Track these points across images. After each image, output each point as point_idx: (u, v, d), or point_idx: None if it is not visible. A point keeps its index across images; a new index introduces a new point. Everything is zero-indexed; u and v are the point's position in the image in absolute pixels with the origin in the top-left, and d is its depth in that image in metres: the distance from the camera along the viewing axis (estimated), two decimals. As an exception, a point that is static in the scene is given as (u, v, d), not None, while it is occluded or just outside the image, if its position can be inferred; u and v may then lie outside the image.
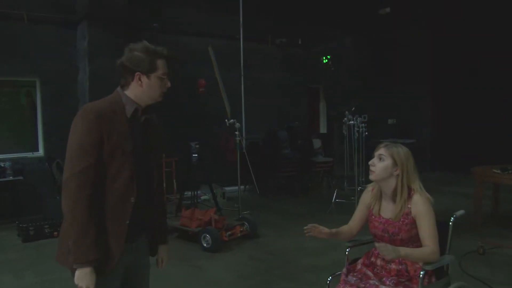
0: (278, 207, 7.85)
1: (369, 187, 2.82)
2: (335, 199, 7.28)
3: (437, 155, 10.94)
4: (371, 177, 2.64)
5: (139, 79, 2.11)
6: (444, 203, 7.23)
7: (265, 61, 10.08)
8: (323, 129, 12.17)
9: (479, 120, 9.72)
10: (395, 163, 2.58)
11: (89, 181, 1.96)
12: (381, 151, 2.63)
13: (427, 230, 2.53)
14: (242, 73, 8.51)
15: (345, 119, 7.48)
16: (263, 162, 8.56)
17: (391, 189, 2.62)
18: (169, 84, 2.19)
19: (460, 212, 2.83)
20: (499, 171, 5.74)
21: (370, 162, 2.66)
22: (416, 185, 2.61)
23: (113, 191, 2.04)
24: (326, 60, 10.09)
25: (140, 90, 2.13)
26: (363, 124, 7.55)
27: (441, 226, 2.67)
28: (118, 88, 2.17)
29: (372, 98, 10.88)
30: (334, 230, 2.74)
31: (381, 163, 2.61)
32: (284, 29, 10.15)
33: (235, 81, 8.63)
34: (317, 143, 9.55)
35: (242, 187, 8.60)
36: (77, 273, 1.97)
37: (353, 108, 7.45)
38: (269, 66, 10.17)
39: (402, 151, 2.61)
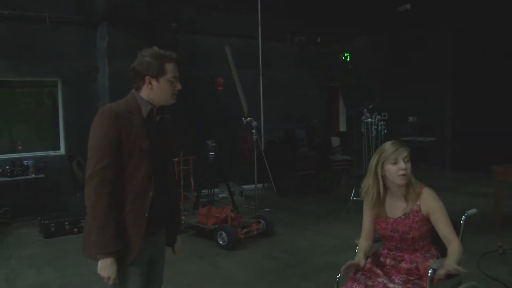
0: (295, 205, 7.85)
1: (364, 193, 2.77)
2: (353, 197, 7.23)
3: (457, 154, 10.77)
4: (404, 182, 2.58)
5: (149, 83, 2.24)
6: (462, 202, 7.13)
7: (283, 59, 10.08)
8: (342, 127, 12.12)
9: (500, 119, 9.53)
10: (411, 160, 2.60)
11: (109, 178, 2.10)
12: (405, 153, 2.58)
13: (445, 225, 2.54)
14: (261, 71, 8.55)
15: (363, 117, 7.43)
16: (280, 161, 8.57)
17: (404, 187, 2.61)
18: (179, 87, 2.30)
19: (472, 210, 2.79)
20: (520, 170, 5.63)
21: (401, 167, 2.55)
22: (419, 181, 2.63)
23: (132, 187, 2.17)
24: (348, 58, 10.04)
25: (151, 93, 2.26)
26: (382, 122, 7.49)
27: (452, 224, 2.64)
28: (133, 90, 2.30)
29: (393, 96, 10.78)
30: (360, 251, 2.71)
31: (409, 164, 2.59)
32: (302, 28, 10.13)
33: (253, 80, 8.68)
34: (335, 141, 9.50)
35: (260, 185, 8.66)
36: (99, 263, 2.13)
37: (371, 106, 7.39)
38: (288, 65, 10.17)
39: (406, 145, 2.62)
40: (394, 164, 2.57)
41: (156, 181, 2.25)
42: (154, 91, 2.25)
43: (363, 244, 2.76)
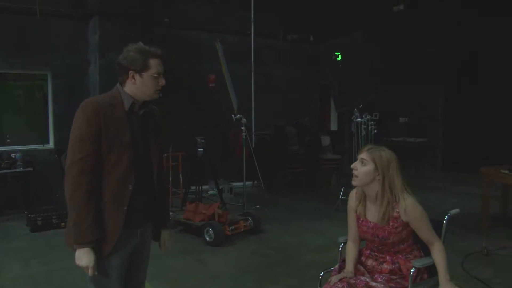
0: (285, 203, 7.86)
1: (353, 192, 2.77)
2: (342, 196, 7.25)
3: (448, 155, 10.83)
4: (354, 182, 2.59)
5: (133, 77, 2.26)
6: (451, 203, 7.19)
7: (276, 57, 10.07)
8: (334, 126, 12.14)
9: (492, 120, 9.59)
10: (376, 168, 2.53)
11: (88, 169, 2.13)
12: (363, 155, 2.57)
13: (426, 230, 2.55)
14: (253, 68, 8.54)
15: (353, 116, 7.44)
16: (270, 158, 8.58)
17: (374, 193, 2.58)
18: (163, 82, 2.31)
19: (455, 210, 2.81)
20: (507, 172, 5.66)
21: (352, 166, 2.59)
22: (399, 189, 2.53)
23: (113, 179, 2.19)
24: (340, 57, 10.04)
25: (134, 87, 2.28)
26: (372, 122, 7.51)
27: (435, 224, 2.66)
28: (118, 84, 2.33)
29: (384, 96, 10.79)
30: (350, 261, 2.69)
31: (363, 167, 2.55)
32: (295, 25, 10.13)
33: (246, 77, 8.67)
34: (326, 140, 9.52)
35: (250, 183, 8.65)
36: (77, 253, 2.15)
37: (361, 106, 7.40)
38: (280, 62, 10.16)
39: (385, 155, 2.54)
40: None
41: (138, 174, 2.26)
42: (138, 86, 2.27)
43: (351, 252, 2.72)
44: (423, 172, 10.40)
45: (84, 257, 2.13)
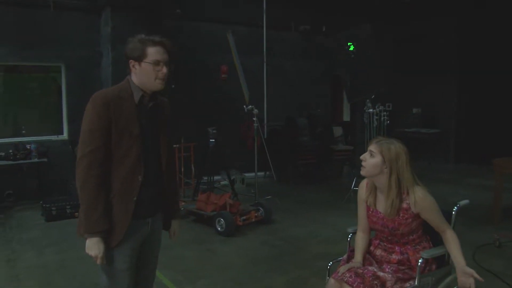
0: (296, 194, 7.87)
1: (363, 183, 2.78)
2: (354, 187, 7.25)
3: (461, 146, 10.71)
4: (362, 172, 2.60)
5: (134, 66, 2.29)
6: (462, 195, 7.13)
7: (288, 48, 10.03)
8: (346, 117, 12.08)
9: (505, 111, 9.45)
10: (384, 161, 2.53)
11: (98, 161, 2.17)
12: (372, 147, 2.58)
13: (438, 219, 2.57)
14: (265, 60, 8.53)
15: (365, 107, 7.40)
16: (282, 149, 8.58)
17: (383, 185, 2.59)
18: (164, 71, 2.29)
19: (464, 201, 2.80)
20: (520, 163, 5.61)
21: (361, 157, 2.60)
22: (409, 182, 2.54)
23: (122, 170, 2.23)
24: (353, 48, 9.95)
25: (137, 77, 2.30)
26: (385, 113, 7.46)
27: (445, 215, 2.65)
28: (128, 76, 2.35)
29: (397, 87, 10.71)
30: (359, 251, 2.72)
31: (371, 159, 2.56)
32: (307, 16, 10.07)
33: (258, 68, 8.66)
34: (338, 131, 9.48)
35: (262, 173, 8.67)
36: (87, 242, 2.22)
37: (373, 96, 7.35)
38: (292, 53, 10.12)
39: (393, 148, 2.53)
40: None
41: (147, 165, 2.29)
42: (138, 75, 2.29)
43: (361, 242, 2.74)
44: (435, 163, 10.31)
45: (94, 247, 2.19)
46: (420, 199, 2.51)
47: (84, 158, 2.17)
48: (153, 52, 2.26)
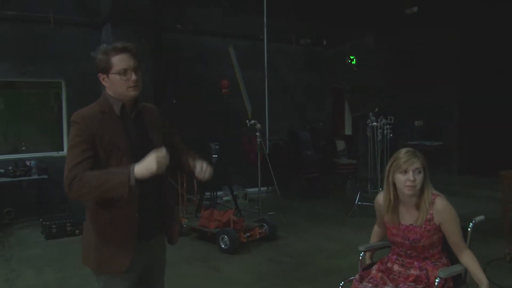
0: (299, 209, 7.76)
1: (379, 198, 2.72)
2: (358, 201, 7.15)
3: (465, 158, 10.63)
4: (411, 193, 2.50)
5: (103, 80, 2.18)
6: (470, 207, 7.01)
7: (289, 61, 10.02)
8: (348, 131, 12.02)
9: (508, 122, 9.40)
10: (424, 168, 2.52)
11: (88, 168, 2.01)
12: (417, 164, 2.49)
13: (457, 235, 2.52)
14: (266, 73, 8.48)
15: (369, 120, 7.34)
16: (285, 164, 8.49)
17: (416, 196, 2.53)
18: (134, 77, 2.15)
19: (480, 218, 2.72)
20: (528, 175, 5.51)
21: (409, 179, 2.47)
22: (431, 188, 2.56)
23: None
24: (354, 61, 9.95)
25: (110, 90, 2.19)
26: (387, 126, 7.40)
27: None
28: (103, 91, 2.24)
29: (399, 100, 10.68)
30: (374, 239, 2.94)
31: (419, 175, 2.50)
32: (308, 29, 10.07)
33: (259, 82, 8.61)
34: (341, 144, 9.41)
35: (264, 188, 8.57)
36: (139, 174, 1.97)
37: (377, 109, 7.30)
38: (293, 67, 10.11)
39: (422, 155, 2.54)
40: (403, 173, 2.49)
41: (142, 180, 2.08)
42: (110, 87, 2.17)
43: (377, 233, 2.95)
44: (439, 175, 10.22)
45: (150, 164, 1.96)
46: (443, 208, 2.50)
47: (70, 173, 2.00)
48: (117, 62, 2.13)
